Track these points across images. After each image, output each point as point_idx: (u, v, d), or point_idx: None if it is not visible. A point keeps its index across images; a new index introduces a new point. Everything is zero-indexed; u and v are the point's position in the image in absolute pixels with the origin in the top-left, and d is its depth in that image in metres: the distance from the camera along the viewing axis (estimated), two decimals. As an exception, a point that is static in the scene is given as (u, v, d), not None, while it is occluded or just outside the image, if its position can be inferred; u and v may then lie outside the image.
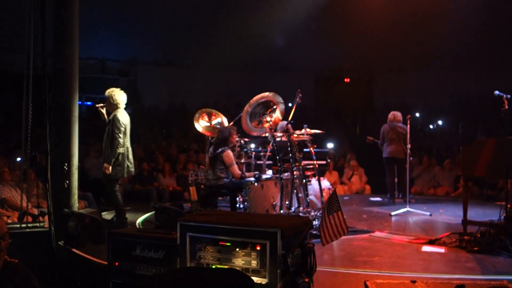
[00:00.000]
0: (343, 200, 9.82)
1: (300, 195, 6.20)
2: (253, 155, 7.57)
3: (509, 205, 5.27)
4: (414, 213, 7.71)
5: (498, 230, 4.99)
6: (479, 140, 10.17)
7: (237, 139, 7.05)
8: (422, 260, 4.78)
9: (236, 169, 6.44)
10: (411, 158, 9.05)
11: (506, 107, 5.46)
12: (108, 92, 6.85)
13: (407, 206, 7.85)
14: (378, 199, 9.82)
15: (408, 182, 8.57)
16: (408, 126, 8.29)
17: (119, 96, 6.82)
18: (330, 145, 14.42)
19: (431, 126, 16.43)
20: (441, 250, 5.15)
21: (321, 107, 20.20)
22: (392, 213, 7.72)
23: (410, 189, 9.10)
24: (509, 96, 5.84)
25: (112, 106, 6.81)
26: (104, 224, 5.73)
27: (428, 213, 7.69)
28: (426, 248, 5.25)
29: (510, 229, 4.90)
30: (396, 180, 9.28)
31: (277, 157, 6.17)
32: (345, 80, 20.63)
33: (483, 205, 8.42)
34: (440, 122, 16.99)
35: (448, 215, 7.62)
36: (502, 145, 5.07)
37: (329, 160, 10.80)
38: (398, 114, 9.30)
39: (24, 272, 3.19)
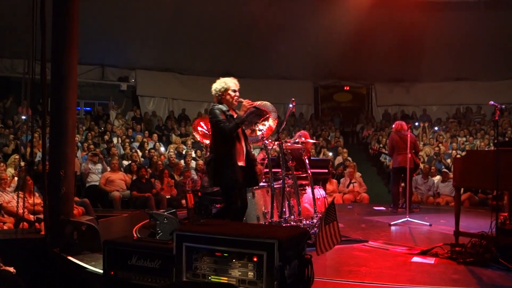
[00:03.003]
0: (347, 209, 9.83)
1: (292, 203, 6.17)
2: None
3: (501, 217, 5.24)
4: (414, 223, 7.66)
5: (489, 242, 4.95)
6: (471, 150, 10.19)
7: None
8: (408, 271, 4.71)
9: None
10: (420, 166, 8.98)
11: (497, 117, 5.47)
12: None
13: (407, 216, 7.81)
14: (382, 208, 9.81)
15: (408, 191, 8.57)
16: (409, 135, 8.29)
17: None
18: (330, 154, 14.48)
19: (430, 135, 16.42)
20: (431, 261, 5.09)
21: (321, 115, 20.26)
22: (391, 223, 7.68)
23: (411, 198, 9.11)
24: (503, 106, 5.86)
25: None
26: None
27: (428, 223, 7.65)
28: (416, 259, 5.19)
29: (501, 240, 4.86)
30: (401, 189, 9.28)
31: (269, 165, 6.12)
32: (345, 88, 20.70)
33: (487, 216, 8.35)
34: (438, 131, 17.04)
35: (448, 226, 7.55)
36: (493, 155, 5.05)
37: (330, 169, 10.80)
38: (404, 124, 9.32)
39: (13, 281, 3.14)
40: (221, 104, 5.14)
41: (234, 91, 5.19)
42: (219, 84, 5.23)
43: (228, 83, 5.21)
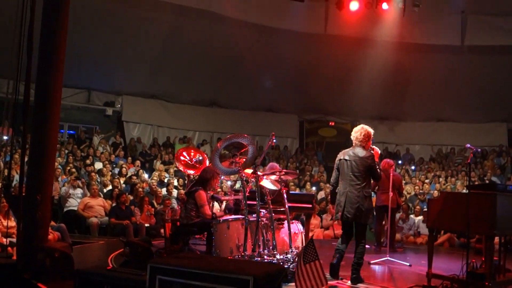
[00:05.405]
0: (330, 245, 9.74)
1: (268, 237, 6.11)
2: (232, 195, 7.49)
3: (473, 260, 5.25)
4: (394, 263, 7.62)
5: (460, 285, 4.96)
6: (445, 192, 10.30)
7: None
8: (377, 311, 4.71)
9: (207, 210, 6.35)
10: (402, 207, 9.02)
11: (469, 160, 5.58)
12: None
13: (388, 255, 7.77)
14: (366, 246, 9.72)
15: (391, 230, 8.57)
16: (392, 174, 8.31)
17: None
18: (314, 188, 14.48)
19: (411, 174, 16.57)
20: None
21: (305, 149, 20.34)
22: (371, 262, 7.62)
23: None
24: (479, 150, 6.00)
25: None
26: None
27: (408, 264, 7.61)
28: None
29: (471, 284, 4.87)
30: (385, 228, 9.26)
31: (244, 198, 6.09)
32: (330, 123, 20.90)
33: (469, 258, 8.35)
34: (421, 170, 17.20)
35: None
36: (464, 198, 5.11)
37: (315, 204, 10.75)
38: (392, 162, 9.32)
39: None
40: (361, 148, 5.99)
41: None
42: (366, 131, 6.07)
43: (371, 131, 6.09)
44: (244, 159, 6.23)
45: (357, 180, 5.89)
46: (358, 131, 6.12)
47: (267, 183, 6.52)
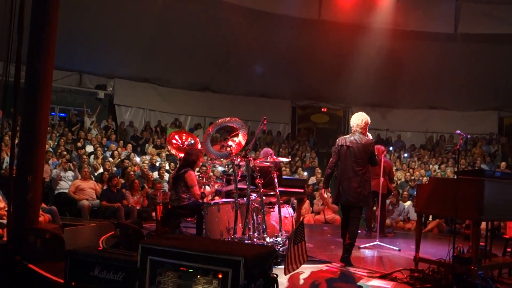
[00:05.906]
0: (321, 230, 9.84)
1: (259, 220, 6.15)
2: (224, 179, 7.52)
3: (460, 245, 5.32)
4: (383, 247, 7.69)
5: (446, 269, 5.03)
6: (434, 177, 10.39)
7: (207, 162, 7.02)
8: (362, 294, 4.77)
9: (196, 190, 6.46)
10: (392, 192, 9.12)
11: (458, 146, 5.62)
12: None
13: (377, 240, 7.85)
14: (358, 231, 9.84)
15: (381, 215, 8.63)
16: (383, 160, 8.35)
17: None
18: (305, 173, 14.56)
19: (403, 160, 16.68)
20: (388, 285, 5.11)
21: (297, 135, 20.38)
22: (361, 246, 7.69)
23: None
24: (468, 136, 6.10)
25: None
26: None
27: (397, 248, 7.69)
28: (374, 283, 5.18)
29: (457, 268, 4.94)
30: (377, 213, 9.34)
31: (235, 181, 6.12)
32: (322, 109, 20.95)
33: (458, 244, 8.48)
34: (407, 157, 17.35)
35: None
36: (452, 184, 5.15)
37: (306, 189, 10.83)
38: (383, 148, 9.33)
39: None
40: (361, 134, 6.12)
41: None
42: (366, 118, 6.22)
43: (368, 118, 6.23)
44: (234, 143, 6.26)
45: (359, 166, 6.00)
46: (359, 118, 6.21)
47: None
